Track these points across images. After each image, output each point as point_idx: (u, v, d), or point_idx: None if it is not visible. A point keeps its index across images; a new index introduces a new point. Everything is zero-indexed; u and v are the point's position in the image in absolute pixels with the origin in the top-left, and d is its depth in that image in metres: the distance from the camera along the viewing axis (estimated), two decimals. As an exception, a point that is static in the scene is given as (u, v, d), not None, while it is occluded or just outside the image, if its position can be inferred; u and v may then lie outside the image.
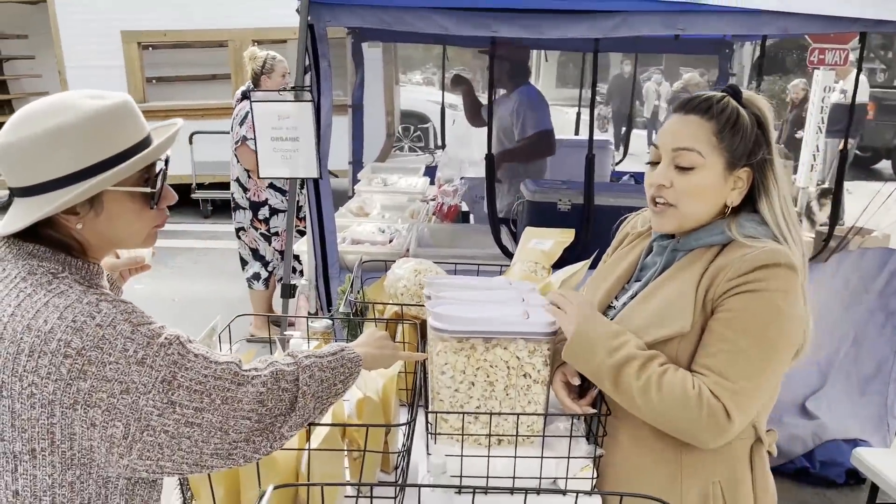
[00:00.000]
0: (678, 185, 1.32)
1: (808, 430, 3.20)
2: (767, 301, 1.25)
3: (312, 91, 2.84)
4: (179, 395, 1.09)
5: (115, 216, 1.17)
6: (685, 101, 1.35)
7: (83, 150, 1.11)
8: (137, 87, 7.48)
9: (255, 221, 4.13)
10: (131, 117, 1.17)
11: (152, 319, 1.12)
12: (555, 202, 3.05)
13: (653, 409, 1.26)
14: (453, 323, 1.38)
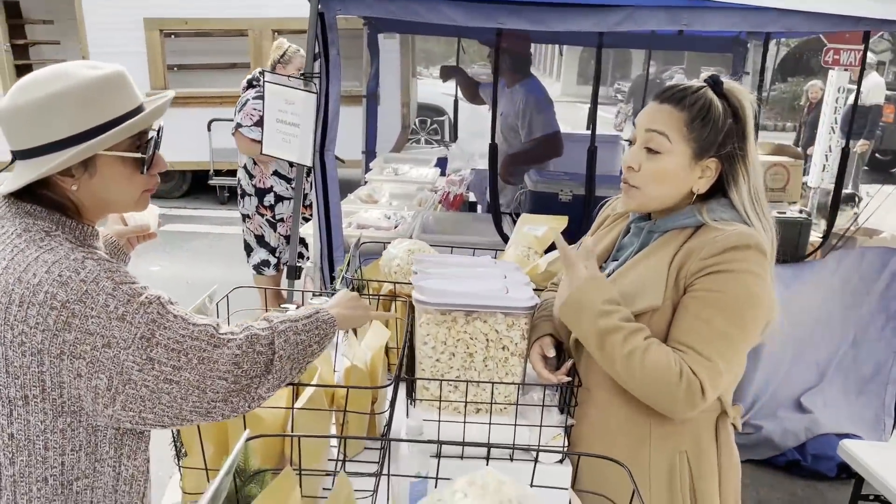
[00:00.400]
0: (645, 168, 1.38)
1: (802, 425, 3.24)
2: (740, 282, 1.31)
3: (322, 79, 2.92)
4: (158, 352, 1.16)
5: (108, 179, 1.24)
6: (662, 90, 1.41)
7: (78, 115, 1.18)
8: (158, 74, 7.62)
9: (261, 208, 4.21)
10: (125, 87, 1.24)
11: (135, 280, 1.20)
12: (556, 192, 3.11)
13: (633, 377, 1.33)
14: (436, 296, 1.45)
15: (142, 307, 1.16)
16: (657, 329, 1.37)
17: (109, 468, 1.28)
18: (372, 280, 2.02)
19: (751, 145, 1.39)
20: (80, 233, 1.26)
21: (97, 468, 1.26)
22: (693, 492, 1.39)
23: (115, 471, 1.29)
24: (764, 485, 3.14)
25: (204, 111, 7.60)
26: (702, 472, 1.40)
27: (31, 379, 1.17)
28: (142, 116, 1.23)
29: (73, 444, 1.22)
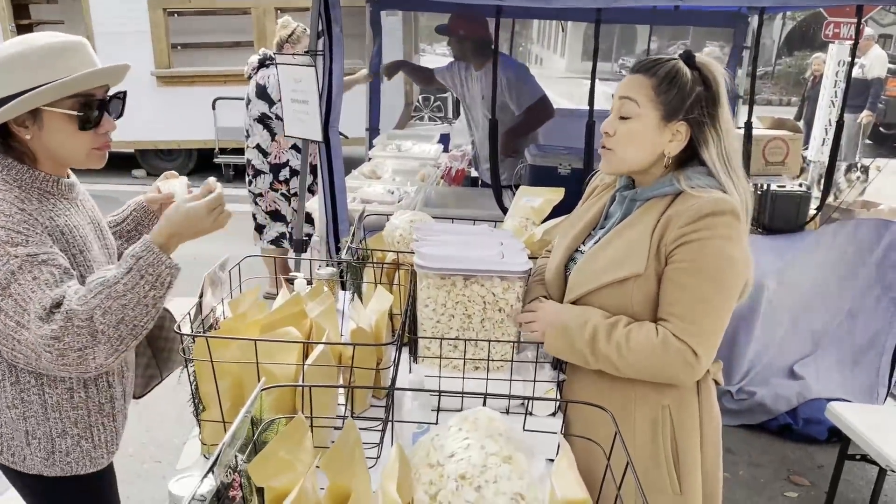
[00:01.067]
0: (618, 132, 1.47)
1: (794, 390, 3.33)
2: (716, 248, 1.39)
3: (325, 56, 2.99)
4: (7, 303, 1.31)
5: (53, 132, 1.43)
6: (637, 62, 1.51)
7: (27, 74, 1.37)
8: (163, 53, 7.67)
9: (276, 183, 4.28)
10: (78, 55, 1.42)
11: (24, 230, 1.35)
12: (555, 166, 3.19)
13: (629, 365, 1.42)
14: (436, 261, 1.54)
15: (7, 255, 1.32)
16: (642, 295, 1.46)
17: (35, 396, 1.48)
18: (376, 249, 2.11)
19: (722, 111, 1.47)
20: (28, 177, 1.44)
21: (24, 398, 1.48)
22: (675, 443, 1.49)
23: (41, 399, 1.49)
24: (756, 448, 3.25)
25: (208, 90, 7.66)
26: (683, 425, 1.49)
27: None
28: (73, 78, 1.39)
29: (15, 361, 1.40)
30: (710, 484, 1.53)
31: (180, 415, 3.35)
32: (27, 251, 1.34)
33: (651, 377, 1.44)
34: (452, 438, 0.93)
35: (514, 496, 0.86)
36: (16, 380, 1.45)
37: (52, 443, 1.53)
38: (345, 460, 1.10)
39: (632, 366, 1.42)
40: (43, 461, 1.54)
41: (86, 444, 1.57)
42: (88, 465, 1.59)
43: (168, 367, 1.91)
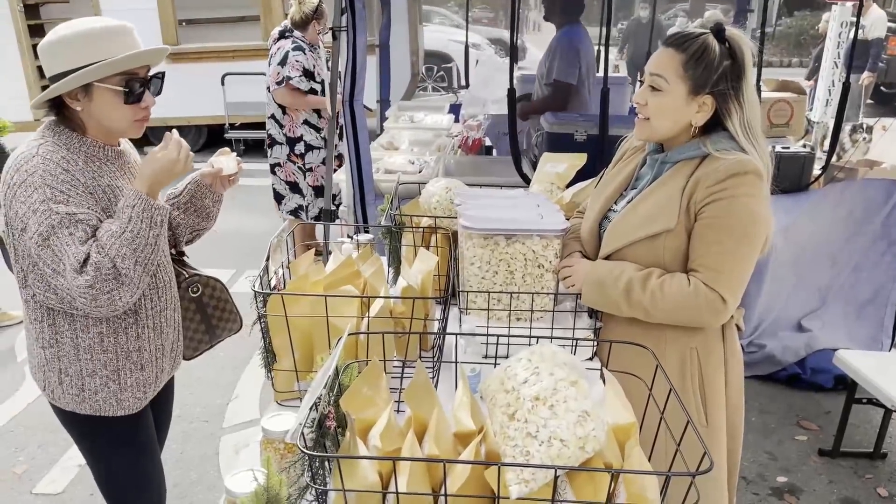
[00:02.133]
0: (650, 103, 1.61)
1: (801, 342, 3.50)
2: (742, 205, 1.54)
3: (348, 31, 3.10)
4: (46, 253, 1.52)
5: (101, 105, 1.63)
6: (670, 36, 1.63)
7: (80, 53, 1.57)
8: (170, 29, 7.71)
9: (293, 156, 4.39)
10: (124, 38, 1.62)
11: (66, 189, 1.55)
12: (572, 133, 3.31)
13: (663, 311, 1.58)
14: (480, 222, 1.68)
15: (50, 211, 1.52)
16: (673, 248, 1.60)
17: (69, 339, 1.68)
18: (413, 215, 2.25)
19: (747, 84, 1.59)
20: (76, 142, 1.64)
21: (59, 339, 1.68)
22: (702, 381, 1.65)
23: (74, 342, 1.68)
24: (765, 397, 3.43)
25: (217, 66, 7.72)
26: (710, 364, 1.65)
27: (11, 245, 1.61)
28: (121, 58, 1.59)
29: (37, 315, 1.67)
30: (733, 416, 1.69)
31: (218, 378, 3.54)
32: (67, 210, 1.53)
33: (682, 322, 1.59)
34: (523, 368, 1.08)
35: (581, 413, 1.01)
36: (52, 322, 1.66)
37: (82, 381, 1.71)
38: (422, 394, 1.26)
39: (665, 312, 1.57)
40: (74, 398, 1.72)
41: (113, 385, 1.74)
42: (115, 407, 1.76)
43: (216, 336, 2.09)
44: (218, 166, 1.92)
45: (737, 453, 1.76)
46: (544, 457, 1.00)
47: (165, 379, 1.91)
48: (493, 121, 4.55)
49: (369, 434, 1.22)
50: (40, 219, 1.51)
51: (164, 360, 1.85)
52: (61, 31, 1.61)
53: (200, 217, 2.00)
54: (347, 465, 1.09)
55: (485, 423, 1.22)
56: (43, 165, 1.54)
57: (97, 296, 1.54)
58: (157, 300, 1.79)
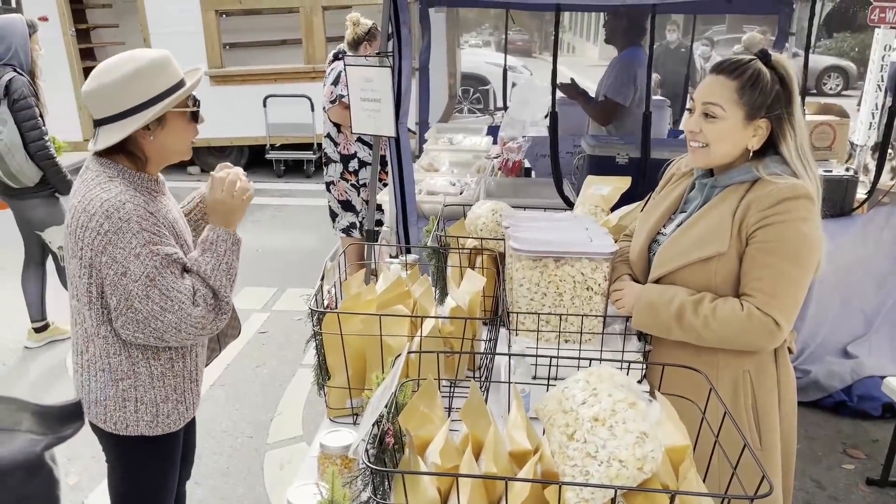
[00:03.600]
0: (705, 131, 1.62)
1: (847, 368, 3.44)
2: (795, 229, 1.55)
3: (395, 56, 3.17)
4: (154, 293, 1.60)
5: (174, 129, 1.73)
6: (718, 64, 1.65)
7: (150, 85, 1.66)
8: (215, 53, 7.94)
9: (346, 173, 4.46)
10: (172, 64, 1.72)
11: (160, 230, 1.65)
12: (613, 156, 3.33)
13: (715, 335, 1.59)
14: (530, 245, 1.71)
15: (152, 253, 1.60)
16: (724, 272, 1.61)
17: (144, 368, 1.75)
18: (459, 236, 2.29)
19: (796, 108, 1.62)
20: (139, 180, 1.71)
21: (136, 370, 1.75)
22: (755, 403, 1.65)
23: (149, 370, 1.76)
24: (811, 423, 3.37)
25: (259, 88, 7.92)
26: (763, 387, 1.65)
27: (83, 287, 1.68)
28: (196, 81, 1.73)
29: (114, 349, 1.73)
30: (787, 439, 1.69)
31: (263, 394, 3.60)
32: (166, 251, 1.64)
33: (735, 346, 1.60)
34: (581, 389, 1.10)
35: (639, 434, 1.03)
36: (128, 354, 1.74)
37: (156, 407, 1.80)
38: (477, 413, 1.29)
39: (717, 336, 1.58)
40: (148, 424, 1.80)
41: (181, 406, 1.85)
42: (180, 423, 1.87)
43: (224, 343, 2.19)
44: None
45: (790, 476, 1.75)
46: (603, 477, 1.02)
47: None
48: (531, 142, 4.59)
49: (427, 451, 1.26)
50: (145, 262, 1.60)
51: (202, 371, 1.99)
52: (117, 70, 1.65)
53: None
54: (408, 480, 1.12)
55: (539, 442, 1.25)
56: (136, 212, 1.62)
57: (206, 325, 1.68)
58: None
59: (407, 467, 1.16)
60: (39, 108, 3.68)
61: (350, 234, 4.58)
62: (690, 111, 1.69)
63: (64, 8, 8.05)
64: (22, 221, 3.95)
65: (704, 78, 1.69)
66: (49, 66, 4.33)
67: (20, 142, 3.61)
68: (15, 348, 4.25)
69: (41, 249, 4.09)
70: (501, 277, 2.04)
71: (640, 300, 1.66)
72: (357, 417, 1.71)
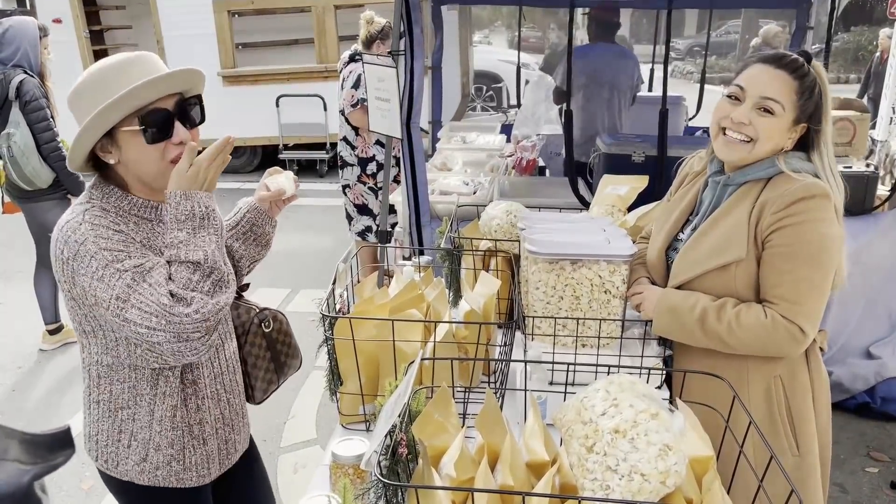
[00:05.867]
0: (756, 125, 1.54)
1: (871, 370, 3.37)
2: (811, 230, 1.49)
3: (406, 55, 3.14)
4: (132, 314, 1.33)
5: (129, 151, 1.41)
6: (777, 56, 1.56)
7: (92, 100, 1.37)
8: (228, 53, 7.94)
9: (363, 176, 4.42)
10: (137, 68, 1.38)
11: (123, 248, 1.37)
12: (629, 154, 3.28)
13: (739, 342, 1.54)
14: (546, 247, 1.67)
15: (117, 272, 1.34)
16: (744, 277, 1.56)
17: (146, 404, 1.54)
18: (473, 238, 2.25)
19: (827, 111, 1.56)
20: (126, 203, 1.46)
21: (137, 402, 1.54)
22: (789, 408, 1.60)
23: (150, 408, 1.54)
24: (834, 426, 3.24)
25: (272, 88, 7.91)
26: (796, 391, 1.60)
27: (80, 317, 1.48)
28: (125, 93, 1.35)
29: (119, 377, 1.53)
30: (822, 440, 1.64)
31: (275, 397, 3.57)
32: (134, 264, 1.36)
33: (760, 352, 1.55)
34: (601, 399, 1.06)
35: (662, 447, 0.99)
36: (133, 385, 1.52)
37: (146, 450, 1.56)
38: (492, 422, 1.25)
39: (742, 342, 1.53)
40: (135, 465, 1.57)
41: (176, 465, 1.59)
42: (175, 482, 1.60)
43: (283, 374, 1.93)
44: (276, 188, 1.74)
45: (826, 478, 1.70)
46: (625, 491, 0.98)
47: (235, 453, 1.73)
48: (545, 140, 4.54)
49: (441, 461, 1.22)
50: (110, 283, 1.34)
51: (226, 430, 1.67)
52: (80, 79, 1.43)
53: (259, 245, 1.80)
54: (422, 493, 1.08)
55: (557, 453, 1.21)
56: (92, 231, 1.37)
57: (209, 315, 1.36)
58: (211, 365, 1.62)
59: (421, 479, 1.12)
60: (51, 110, 3.68)
61: (366, 237, 4.55)
62: (732, 98, 1.59)
63: (78, 10, 8.07)
64: (34, 224, 3.96)
65: (753, 66, 1.58)
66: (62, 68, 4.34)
67: (34, 144, 3.62)
68: (30, 352, 4.26)
69: (55, 252, 4.10)
70: (516, 280, 2.01)
71: (660, 305, 1.61)
72: (370, 424, 1.68)
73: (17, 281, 5.21)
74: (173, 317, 1.32)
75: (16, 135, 3.59)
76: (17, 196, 3.84)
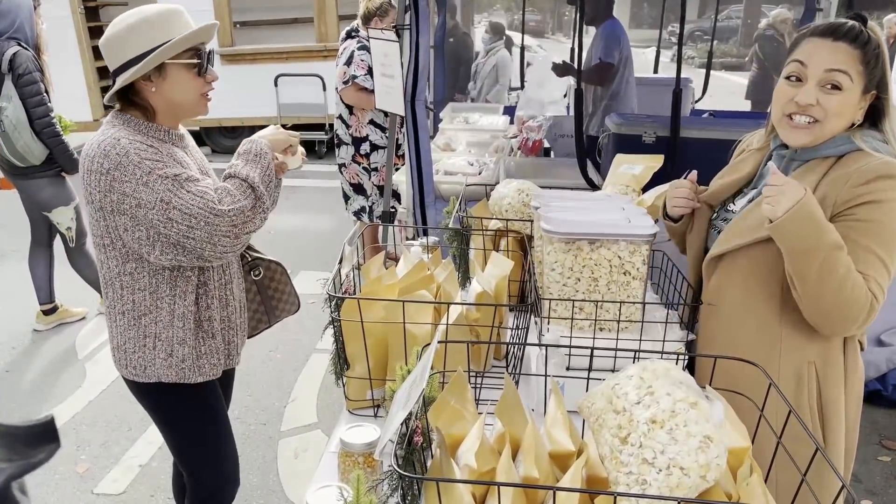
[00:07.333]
0: (824, 104, 1.44)
1: (883, 356, 3.31)
2: (891, 209, 1.39)
3: (412, 30, 3.04)
4: (174, 214, 1.59)
5: (175, 81, 1.70)
6: (832, 27, 1.45)
7: (148, 37, 1.65)
8: (225, 31, 7.79)
9: (358, 156, 4.34)
10: (181, 18, 1.70)
11: (160, 158, 1.64)
12: (640, 135, 3.18)
13: (835, 297, 1.36)
14: (562, 226, 1.59)
15: (160, 178, 1.60)
16: None
17: (167, 305, 1.76)
18: (482, 217, 2.17)
19: (888, 75, 1.46)
20: (144, 127, 1.71)
21: (158, 305, 1.76)
22: (819, 398, 1.52)
23: (170, 308, 1.77)
24: (844, 414, 3.24)
25: (270, 67, 7.78)
26: (828, 380, 1.51)
27: (102, 230, 1.69)
28: (191, 32, 1.68)
29: (139, 285, 1.75)
30: (850, 436, 1.57)
31: (276, 379, 3.51)
32: (173, 172, 1.62)
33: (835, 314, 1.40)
34: (635, 386, 0.99)
35: (703, 439, 0.92)
36: (154, 289, 1.75)
37: (171, 346, 1.79)
38: (513, 410, 1.18)
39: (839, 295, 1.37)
40: (162, 363, 1.79)
41: (195, 354, 1.83)
42: (196, 373, 1.84)
43: (275, 316, 2.18)
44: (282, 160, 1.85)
45: (849, 473, 1.63)
46: (662, 486, 0.91)
47: (235, 354, 1.98)
48: (551, 121, 4.45)
49: (459, 450, 1.15)
50: (154, 187, 1.59)
51: (230, 331, 1.92)
52: (124, 21, 1.67)
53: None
54: (442, 485, 1.01)
55: (583, 443, 1.14)
56: (131, 145, 1.62)
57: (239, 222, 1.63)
58: (221, 274, 1.87)
59: (438, 470, 1.05)
60: (45, 84, 3.57)
61: (360, 217, 4.47)
62: (793, 79, 1.48)
63: (73, -17, 7.91)
64: (29, 202, 3.86)
65: (807, 40, 1.47)
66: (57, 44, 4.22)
67: (26, 119, 3.51)
68: (24, 331, 4.18)
69: (48, 230, 4.01)
70: (528, 261, 1.93)
71: (803, 205, 1.34)
72: (378, 409, 1.61)
73: (12, 260, 5.12)
74: (210, 217, 1.60)
75: (7, 108, 3.48)
76: (11, 173, 3.74)
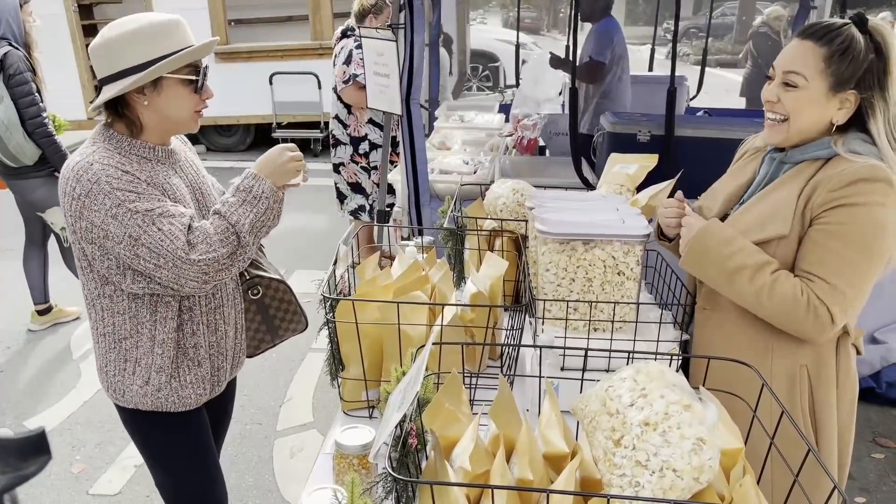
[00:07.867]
0: (784, 101, 1.47)
1: (877, 354, 3.32)
2: (867, 213, 1.39)
3: (406, 29, 3.03)
4: (142, 251, 1.52)
5: (170, 96, 1.61)
6: (807, 27, 1.47)
7: (147, 48, 1.56)
8: (220, 29, 7.77)
9: (356, 156, 4.32)
10: (181, 30, 1.61)
11: (135, 188, 1.54)
12: (635, 133, 3.18)
13: (764, 310, 1.46)
14: (557, 227, 1.59)
15: (129, 212, 1.51)
16: (783, 256, 1.47)
17: (147, 330, 1.68)
18: (477, 217, 2.17)
19: (892, 81, 1.44)
20: (127, 145, 1.62)
21: (139, 330, 1.69)
22: (812, 401, 1.52)
23: (151, 333, 1.68)
24: (838, 411, 3.25)
25: (265, 65, 7.75)
26: (821, 383, 1.52)
27: (78, 252, 1.63)
28: (195, 48, 1.61)
29: (118, 308, 1.66)
30: (843, 438, 1.57)
31: (271, 380, 3.51)
32: (145, 207, 1.52)
33: (780, 325, 1.47)
34: (628, 389, 0.99)
35: (696, 441, 0.92)
36: (134, 314, 1.67)
37: (148, 374, 1.70)
38: (507, 412, 1.18)
39: (766, 311, 1.45)
40: (138, 390, 1.71)
41: (174, 382, 1.73)
42: (176, 403, 1.75)
43: (279, 336, 2.04)
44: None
45: (843, 481, 1.64)
46: (656, 488, 0.91)
47: (225, 378, 1.87)
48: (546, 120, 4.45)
49: (453, 453, 1.15)
50: (123, 222, 1.51)
51: (219, 357, 1.82)
52: (119, 28, 1.58)
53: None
54: (436, 488, 1.01)
55: (576, 444, 1.14)
56: (103, 171, 1.52)
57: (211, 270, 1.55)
58: (211, 298, 1.76)
59: (433, 472, 1.05)
60: (37, 84, 3.55)
61: (359, 216, 4.46)
62: (770, 78, 1.52)
63: (66, -17, 7.88)
64: (22, 202, 3.85)
65: (790, 41, 1.52)
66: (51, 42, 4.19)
67: (17, 119, 3.49)
68: (18, 331, 4.17)
69: (42, 230, 4.00)
70: (522, 261, 1.93)
71: (698, 239, 1.51)
72: (373, 410, 1.61)
73: (6, 259, 5.11)
74: (178, 262, 1.52)
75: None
76: (4, 173, 3.72)
